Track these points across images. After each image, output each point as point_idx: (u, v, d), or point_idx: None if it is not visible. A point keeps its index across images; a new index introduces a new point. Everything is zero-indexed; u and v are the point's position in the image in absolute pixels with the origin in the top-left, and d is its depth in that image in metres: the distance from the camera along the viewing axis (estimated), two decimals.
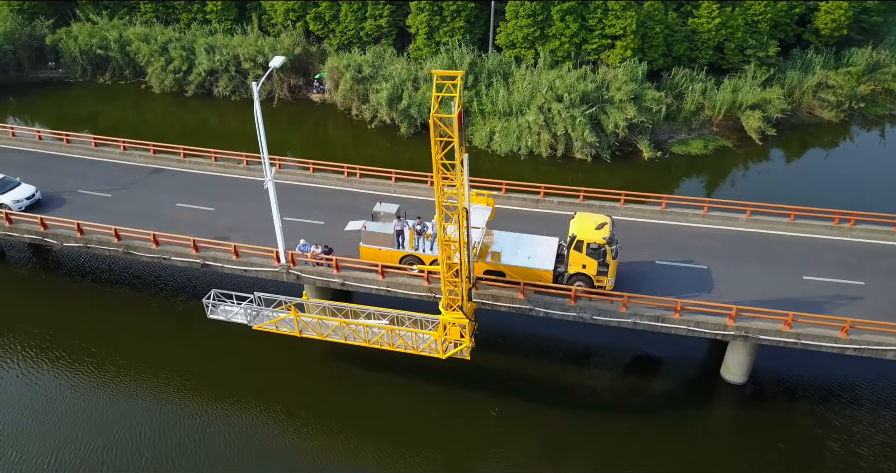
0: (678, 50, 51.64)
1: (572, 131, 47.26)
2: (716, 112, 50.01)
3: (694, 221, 33.34)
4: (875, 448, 27.19)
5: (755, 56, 51.77)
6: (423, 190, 36.44)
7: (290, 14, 57.57)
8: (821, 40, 55.39)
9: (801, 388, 30.35)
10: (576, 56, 51.08)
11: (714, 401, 30.83)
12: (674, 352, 32.44)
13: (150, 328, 33.57)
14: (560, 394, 30.41)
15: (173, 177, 38.43)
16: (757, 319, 27.08)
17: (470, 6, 52.69)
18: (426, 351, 28.24)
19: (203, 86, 57.53)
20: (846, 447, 27.33)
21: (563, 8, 49.82)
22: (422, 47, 54.37)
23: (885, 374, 30.20)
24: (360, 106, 53.65)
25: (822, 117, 52.06)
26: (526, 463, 27.29)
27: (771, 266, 30.41)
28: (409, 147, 50.70)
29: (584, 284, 28.61)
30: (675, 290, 28.97)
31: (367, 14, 55.28)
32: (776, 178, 46.49)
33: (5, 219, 33.75)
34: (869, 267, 30.13)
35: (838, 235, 32.16)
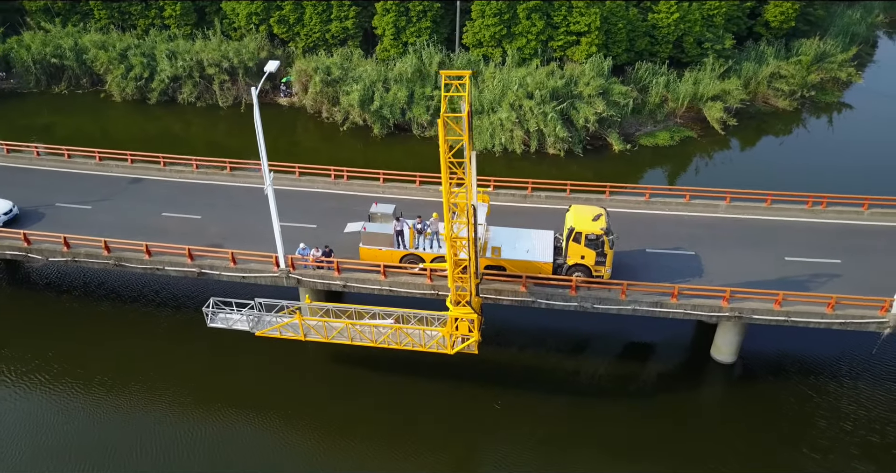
0: (640, 45, 53.23)
1: (544, 127, 48.29)
2: (679, 104, 51.80)
3: (677, 210, 34.67)
4: (860, 422, 28.74)
5: (712, 49, 53.77)
6: (412, 189, 36.82)
7: (252, 17, 56.99)
8: (771, 32, 57.85)
9: (786, 364, 31.90)
10: (542, 53, 52.13)
11: (707, 381, 32.20)
12: (664, 337, 33.71)
13: (141, 342, 33.05)
14: (560, 383, 31.29)
15: (154, 186, 37.81)
16: (749, 300, 28.46)
17: (436, 6, 53.18)
18: (434, 348, 28.70)
19: (166, 93, 56.53)
20: (832, 422, 28.76)
21: (528, 6, 50.79)
22: (389, 48, 54.60)
23: (861, 347, 31.90)
24: (331, 108, 53.63)
25: (777, 106, 54.47)
26: (532, 454, 27.93)
27: (754, 249, 31.92)
28: (383, 147, 50.95)
29: (583, 274, 29.52)
30: (667, 276, 30.16)
31: (333, 16, 55.18)
32: (740, 165, 48.53)
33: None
34: (843, 246, 31.92)
35: (812, 217, 33.93)
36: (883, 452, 27.50)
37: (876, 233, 32.89)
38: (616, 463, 27.58)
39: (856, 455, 27.43)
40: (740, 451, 27.74)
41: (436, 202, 35.38)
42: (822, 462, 27.13)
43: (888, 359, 31.59)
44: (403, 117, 51.98)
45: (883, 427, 28.50)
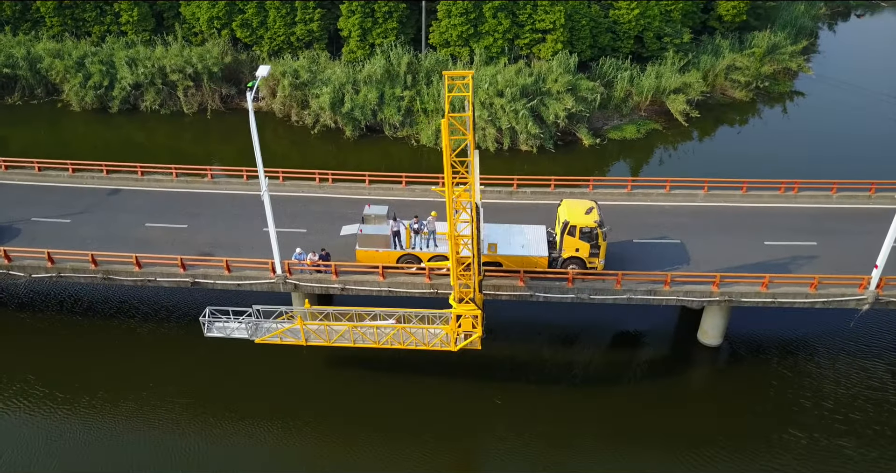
0: (603, 41, 54.50)
1: (516, 124, 49.05)
2: (643, 98, 53.25)
3: (658, 200, 35.81)
4: (841, 401, 30.15)
5: (672, 43, 55.45)
6: (398, 190, 37.02)
7: (214, 22, 56.09)
8: (724, 26, 59.96)
9: (769, 345, 33.34)
10: (509, 51, 52.89)
11: (696, 365, 33.43)
12: (651, 324, 34.85)
13: (134, 357, 32.55)
14: (556, 375, 32.07)
15: (134, 196, 37.06)
16: (737, 284, 29.69)
17: (401, 7, 53.36)
18: (438, 346, 29.06)
19: (128, 101, 55.23)
20: (815, 402, 30.09)
21: (494, 5, 51.45)
22: (355, 50, 54.55)
23: (836, 326, 33.55)
24: (301, 112, 53.30)
25: (735, 97, 56.51)
26: (535, 446, 28.58)
27: (735, 235, 33.25)
28: (355, 149, 51.00)
29: (578, 267, 30.30)
30: (657, 265, 31.20)
31: (297, 19, 54.78)
32: (706, 155, 50.31)
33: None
34: (817, 229, 33.54)
35: (785, 202, 35.52)
36: (865, 428, 28.83)
37: (845, 216, 34.63)
38: (615, 451, 28.44)
39: (841, 432, 28.69)
40: (730, 433, 28.81)
41: (422, 202, 35.80)
42: (808, 441, 28.30)
43: (861, 338, 33.11)
44: (375, 118, 52.07)
45: (863, 404, 29.91)
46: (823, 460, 27.63)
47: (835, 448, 28.14)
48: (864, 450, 27.90)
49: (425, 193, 36.79)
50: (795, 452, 27.97)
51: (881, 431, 28.74)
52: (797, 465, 27.42)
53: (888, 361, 31.95)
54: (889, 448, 28.03)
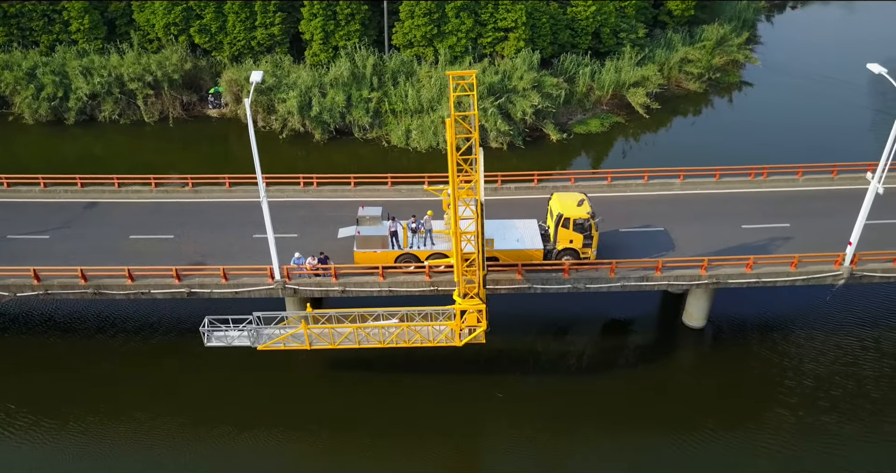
0: (562, 38, 55.80)
1: (486, 122, 49.80)
2: (604, 92, 54.81)
3: (638, 190, 37.10)
4: (821, 378, 31.66)
5: (628, 39, 57.20)
6: (384, 191, 37.25)
7: (171, 28, 54.99)
8: (674, 20, 62.22)
9: (750, 325, 34.87)
10: (473, 50, 53.62)
11: (683, 347, 34.78)
12: (636, 311, 36.14)
13: (129, 373, 31.92)
14: (552, 365, 32.97)
15: (113, 209, 36.20)
16: (723, 267, 31.12)
17: (363, 9, 53.46)
18: (443, 342, 29.50)
19: (84, 111, 53.70)
20: (797, 380, 31.52)
21: (457, 5, 52.11)
22: (318, 53, 54.35)
23: (812, 305, 35.47)
24: (268, 117, 52.82)
25: (689, 88, 58.69)
26: (539, 436, 29.26)
27: (713, 220, 34.76)
28: (325, 152, 50.89)
29: (572, 258, 31.21)
30: (645, 252, 32.39)
31: (258, 23, 54.22)
32: (669, 145, 52.09)
33: None
34: (788, 211, 35.36)
35: (756, 187, 37.30)
36: (846, 403, 30.33)
37: (812, 197, 36.62)
38: (614, 435, 29.33)
39: (823, 409, 30.12)
40: (720, 412, 30.04)
41: (409, 202, 36.20)
42: (793, 418, 29.64)
43: (833, 316, 34.79)
44: (344, 121, 52.07)
45: (841, 380, 31.43)
46: (808, 436, 28.92)
47: (819, 425, 29.42)
48: (846, 425, 29.29)
49: (411, 193, 37.16)
50: (782, 429, 29.22)
51: (860, 405, 30.25)
52: (784, 442, 28.61)
53: (858, 337, 33.69)
54: (868, 420, 29.54)
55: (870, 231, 30.24)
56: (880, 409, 29.99)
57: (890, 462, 27.66)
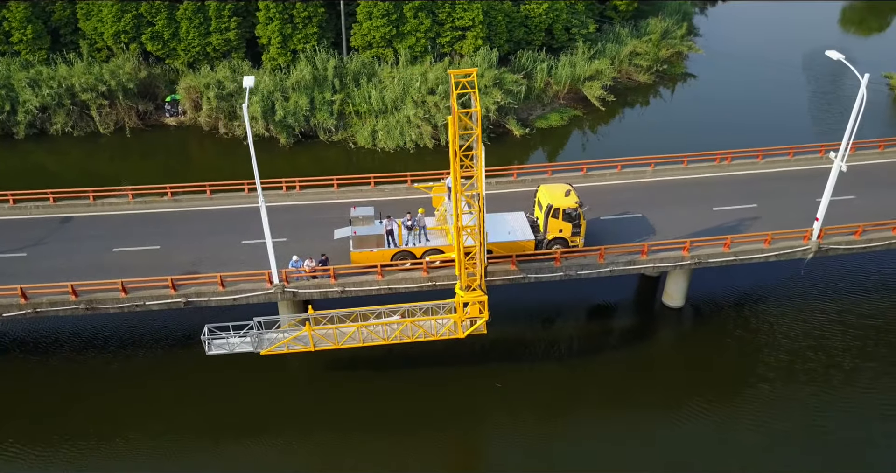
0: (517, 35, 57.09)
1: None
2: (562, 86, 56.37)
3: (613, 179, 38.58)
4: (796, 352, 33.48)
5: (579, 34, 58.97)
6: (367, 191, 37.56)
7: (121, 36, 53.62)
8: (619, 15, 64.44)
9: (726, 303, 36.79)
10: (432, 50, 54.30)
11: (665, 326, 36.46)
12: (615, 295, 37.66)
13: (122, 388, 31.43)
14: (546, 351, 34.19)
15: (91, 222, 35.31)
16: (703, 247, 32.81)
17: (320, 11, 53.39)
18: (446, 335, 30.15)
19: (34, 125, 51.84)
20: (772, 354, 33.25)
21: (414, 5, 52.69)
22: (276, 57, 54.00)
23: (782, 283, 37.66)
24: (229, 123, 52.21)
25: (639, 80, 60.93)
26: (539, 423, 30.24)
27: (686, 204, 36.51)
28: (292, 156, 50.68)
29: (561, 246, 32.34)
30: (628, 238, 33.81)
31: (212, 28, 53.44)
32: (627, 134, 53.93)
33: None
34: (754, 192, 37.44)
35: (721, 171, 39.33)
36: (820, 374, 32.19)
37: (773, 178, 38.85)
38: (609, 415, 30.61)
39: (801, 381, 31.97)
40: (703, 387, 31.63)
41: (394, 201, 36.73)
42: (772, 390, 31.36)
43: (800, 293, 36.88)
44: (308, 124, 51.96)
45: (815, 353, 33.30)
46: (785, 406, 30.64)
47: (797, 396, 31.18)
48: (822, 395, 31.21)
49: (395, 192, 37.64)
50: (763, 402, 30.89)
51: (831, 374, 32.22)
52: (765, 414, 30.26)
53: (823, 311, 35.72)
54: (841, 389, 31.48)
55: (828, 207, 32.40)
56: (852, 378, 32.01)
57: (864, 427, 29.48)
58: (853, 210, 35.25)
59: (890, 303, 36.23)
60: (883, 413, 30.27)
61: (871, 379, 31.89)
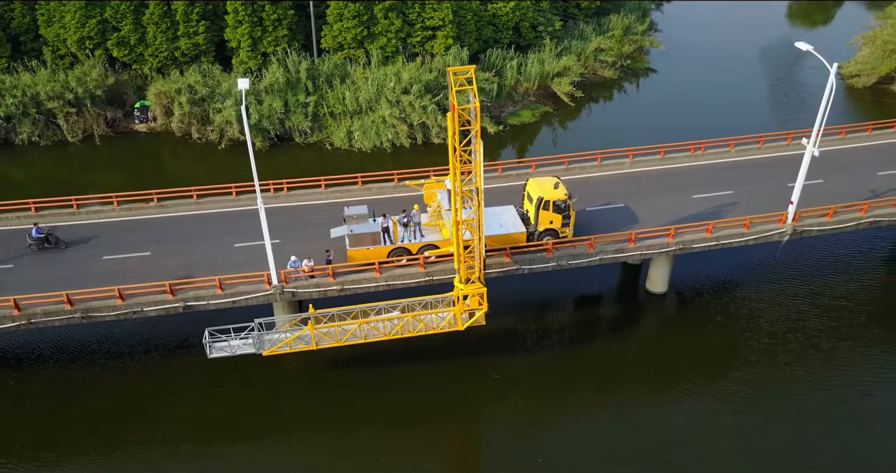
0: (486, 33, 57.97)
1: (426, 119, 51.16)
2: (531, 84, 57.43)
3: (593, 172, 39.66)
4: (774, 333, 34.71)
5: (546, 31, 60.15)
6: (354, 191, 37.81)
7: (86, 42, 52.67)
8: (582, 12, 65.94)
9: (706, 288, 38.14)
10: (403, 50, 54.75)
11: (650, 311, 37.58)
12: (601, 284, 38.74)
13: (104, 404, 30.95)
14: (540, 341, 35.07)
15: (77, 231, 34.72)
16: (687, 233, 34.07)
17: (290, 13, 53.33)
18: (446, 328, 30.70)
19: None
20: (754, 338, 34.41)
21: (385, 6, 53.08)
22: (247, 60, 53.76)
23: (758, 266, 39.26)
24: (203, 128, 51.76)
25: (605, 76, 62.43)
26: (538, 413, 30.92)
27: (667, 193, 37.77)
28: (269, 159, 50.29)
29: (552, 237, 33.21)
30: (614, 227, 34.85)
31: (180, 33, 52.90)
32: (597, 128, 55.28)
33: None
34: (729, 179, 38.92)
35: (696, 161, 40.78)
36: (801, 355, 33.24)
37: (745, 166, 40.44)
38: (602, 400, 31.46)
39: (783, 362, 33.16)
40: (689, 370, 32.66)
41: (381, 199, 37.09)
42: (755, 371, 32.57)
43: (776, 277, 38.26)
44: (283, 127, 51.88)
45: (794, 335, 34.47)
46: (765, 387, 31.84)
47: (778, 377, 32.40)
48: (801, 375, 32.48)
49: (381, 191, 38.03)
50: (746, 383, 32.00)
51: (811, 355, 33.50)
52: (750, 396, 31.42)
53: (799, 294, 37.14)
54: (821, 368, 32.78)
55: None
56: (830, 357, 33.35)
57: (845, 403, 30.89)
58: (822, 193, 37.00)
59: (857, 285, 38.01)
60: (861, 389, 31.66)
61: (848, 357, 33.30)
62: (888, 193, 37.51)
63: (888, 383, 31.89)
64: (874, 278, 38.67)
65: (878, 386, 31.74)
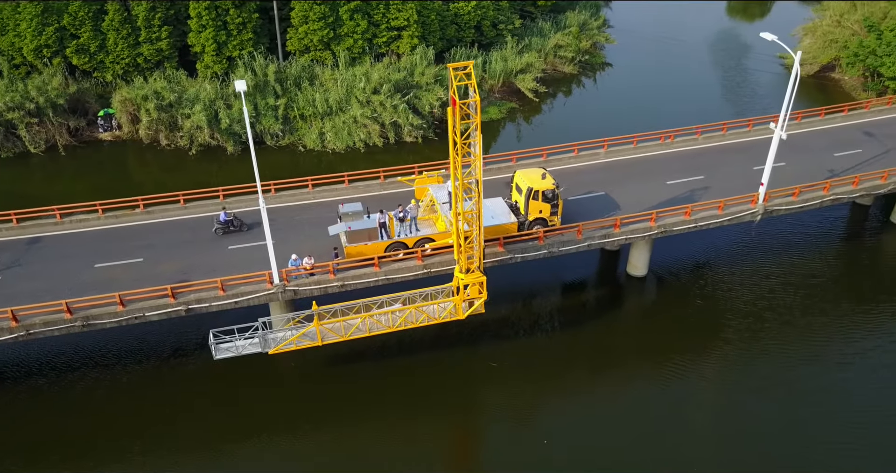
0: (449, 32, 58.95)
1: (398, 118, 51.82)
2: (496, 81, 58.71)
3: (571, 163, 41.05)
4: (751, 312, 36.50)
5: (506, 29, 61.53)
6: (341, 190, 38.20)
7: (44, 51, 51.42)
8: (538, 10, 67.62)
9: (684, 269, 39.96)
10: (370, 50, 55.26)
11: (632, 293, 39.19)
12: (582, 271, 40.16)
13: (89, 416, 30.61)
14: (531, 328, 36.27)
15: (62, 241, 34.14)
16: (667, 217, 35.72)
17: (255, 17, 53.20)
18: (447, 317, 31.50)
19: None
20: (735, 320, 36.08)
21: (350, 7, 53.49)
22: (212, 64, 53.37)
23: (728, 247, 41.30)
24: (172, 134, 51.18)
25: (565, 71, 64.22)
26: (538, 396, 32.01)
27: (642, 180, 39.41)
28: (241, 164, 50.00)
29: (542, 226, 34.38)
30: (598, 214, 36.24)
31: (142, 39, 52.15)
32: (562, 121, 56.91)
33: None
34: (698, 165, 40.87)
35: (667, 149, 42.61)
36: (778, 332, 35.02)
37: (712, 151, 42.51)
38: (594, 381, 32.79)
39: (762, 340, 34.77)
40: (672, 350, 34.15)
41: (368, 197, 37.56)
42: (737, 349, 34.22)
43: (749, 262, 40.15)
44: (254, 130, 51.71)
45: (770, 313, 36.18)
46: (746, 364, 33.42)
47: (754, 354, 34.04)
48: (780, 351, 34.17)
49: (368, 189, 38.52)
50: (726, 361, 33.70)
51: (788, 331, 35.25)
52: (732, 372, 33.14)
53: (771, 274, 39.10)
54: (799, 344, 34.50)
55: (762, 174, 36.01)
56: (806, 333, 35.27)
57: (824, 376, 32.82)
58: (786, 175, 39.21)
59: (824, 263, 40.35)
60: (838, 361, 33.61)
61: (823, 332, 35.28)
62: (845, 172, 40.05)
63: (861, 353, 33.96)
64: (839, 256, 41.18)
65: (854, 357, 33.73)
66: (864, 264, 40.86)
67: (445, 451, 30.44)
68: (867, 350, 34.13)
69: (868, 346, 34.31)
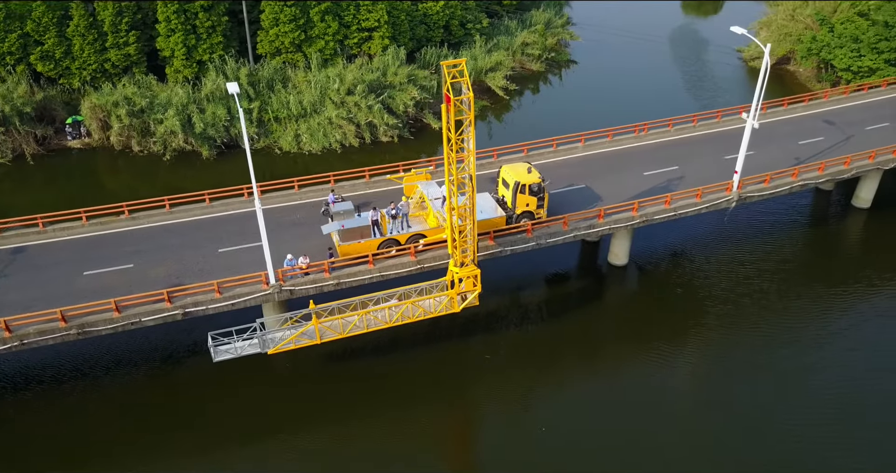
0: (419, 32, 59.45)
1: (373, 118, 52.13)
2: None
3: (551, 157, 41.95)
4: (729, 298, 37.62)
5: (475, 28, 62.31)
6: (327, 190, 38.27)
7: (6, 58, 50.27)
8: (504, 9, 68.61)
9: (663, 258, 41.26)
10: (342, 52, 55.42)
11: (615, 282, 40.23)
12: (564, 262, 41.10)
13: (81, 426, 30.28)
14: (520, 319, 37.04)
15: (49, 250, 33.58)
16: (648, 207, 36.88)
17: (224, 20, 52.88)
18: (443, 311, 32.04)
19: None
20: (715, 307, 37.24)
21: (321, 9, 53.58)
22: (181, 69, 52.88)
23: (704, 236, 42.72)
24: (144, 140, 50.56)
25: (533, 69, 65.30)
26: (532, 387, 32.72)
27: (620, 172, 40.53)
28: (217, 168, 49.94)
29: (529, 219, 35.17)
30: (581, 206, 37.17)
31: (109, 44, 51.38)
32: (533, 117, 57.80)
33: None
34: (672, 156, 42.20)
35: (641, 141, 43.87)
36: (757, 316, 36.29)
37: (684, 143, 43.91)
38: (585, 368, 33.71)
39: (739, 325, 36.05)
40: (655, 334, 35.27)
41: (355, 195, 37.85)
42: (718, 335, 35.53)
43: (724, 250, 41.45)
44: (229, 134, 51.44)
45: (749, 299, 37.46)
46: (726, 349, 34.67)
47: (735, 338, 35.29)
48: (760, 335, 35.45)
49: (354, 188, 38.81)
50: (709, 346, 34.93)
51: (766, 315, 36.54)
52: (710, 356, 34.42)
53: (746, 261, 40.46)
54: (778, 327, 35.79)
55: (732, 162, 37.42)
56: (784, 316, 36.66)
57: (804, 357, 34.13)
58: (755, 164, 40.74)
59: (794, 249, 42.05)
60: (817, 341, 35.04)
61: (800, 315, 36.74)
62: (811, 159, 41.84)
63: (838, 333, 35.54)
64: (808, 241, 42.97)
65: (830, 338, 35.24)
66: (832, 247, 42.76)
67: (445, 443, 30.92)
68: (842, 329, 35.75)
69: (843, 325, 35.94)
